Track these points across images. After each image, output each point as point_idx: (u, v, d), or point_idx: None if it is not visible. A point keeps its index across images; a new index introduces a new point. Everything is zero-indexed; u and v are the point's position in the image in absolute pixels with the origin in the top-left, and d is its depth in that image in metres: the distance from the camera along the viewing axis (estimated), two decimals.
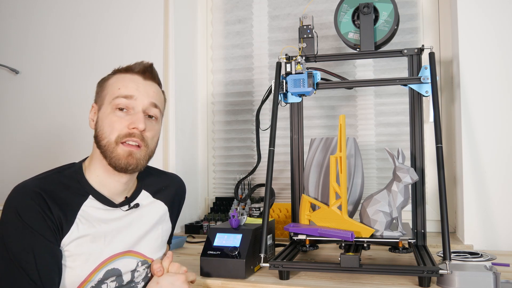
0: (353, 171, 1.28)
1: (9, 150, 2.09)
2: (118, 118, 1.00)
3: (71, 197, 0.98)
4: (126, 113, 1.01)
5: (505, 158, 1.42)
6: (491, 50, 1.45)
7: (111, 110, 1.00)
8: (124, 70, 1.05)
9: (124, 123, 0.99)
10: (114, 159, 0.99)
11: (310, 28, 1.34)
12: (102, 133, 1.00)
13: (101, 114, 1.02)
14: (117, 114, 1.00)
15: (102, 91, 1.04)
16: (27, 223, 0.90)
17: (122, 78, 1.04)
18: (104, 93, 1.03)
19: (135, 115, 1.01)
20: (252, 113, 1.95)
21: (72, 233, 0.95)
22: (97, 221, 1.00)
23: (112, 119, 0.99)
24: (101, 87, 1.06)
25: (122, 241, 1.04)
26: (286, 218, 1.68)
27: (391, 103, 1.76)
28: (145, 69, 1.06)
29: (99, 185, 1.03)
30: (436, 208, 1.69)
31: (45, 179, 0.98)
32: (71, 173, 1.02)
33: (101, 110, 1.02)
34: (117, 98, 1.00)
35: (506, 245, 1.41)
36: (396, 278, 1.10)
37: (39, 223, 0.91)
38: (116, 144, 0.99)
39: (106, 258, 1.00)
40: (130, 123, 0.99)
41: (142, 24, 1.88)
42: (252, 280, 1.12)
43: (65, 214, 0.95)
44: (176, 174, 1.27)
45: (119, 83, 1.02)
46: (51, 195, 0.94)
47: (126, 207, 1.06)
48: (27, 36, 2.09)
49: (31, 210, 0.91)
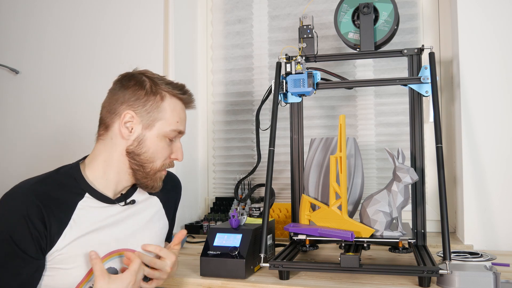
0: (353, 171, 1.28)
1: (9, 150, 2.09)
2: (167, 146, 1.06)
3: (66, 196, 0.98)
4: (170, 142, 1.07)
5: (505, 158, 1.42)
6: (491, 50, 1.45)
7: (162, 137, 1.04)
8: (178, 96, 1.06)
9: (169, 152, 1.07)
10: (152, 182, 1.06)
11: (310, 28, 1.34)
12: (149, 156, 1.03)
13: (150, 135, 1.03)
14: (166, 142, 1.05)
15: (155, 111, 1.02)
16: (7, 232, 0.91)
17: (179, 109, 1.07)
18: (159, 116, 1.03)
19: (176, 144, 1.08)
20: (252, 113, 1.95)
21: (65, 236, 0.95)
22: (92, 220, 1.00)
23: (163, 147, 1.05)
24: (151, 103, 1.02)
25: (117, 238, 1.04)
26: (286, 218, 1.68)
27: (391, 103, 1.76)
28: (192, 100, 1.11)
29: (102, 185, 1.03)
30: (436, 208, 1.69)
31: (40, 181, 0.98)
32: (67, 171, 1.02)
33: (150, 131, 1.03)
34: (174, 131, 1.05)
35: (506, 245, 1.41)
36: (396, 278, 1.10)
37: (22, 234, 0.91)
38: (158, 171, 1.05)
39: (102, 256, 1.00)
40: (172, 153, 1.08)
41: (142, 24, 1.88)
42: (252, 280, 1.12)
43: (59, 217, 0.95)
44: (171, 172, 1.27)
45: (176, 114, 1.05)
46: (44, 198, 0.94)
47: (122, 203, 1.07)
48: (27, 36, 2.09)
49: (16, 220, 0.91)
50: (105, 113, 1.04)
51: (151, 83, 1.03)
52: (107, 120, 1.03)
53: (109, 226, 1.03)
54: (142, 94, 1.02)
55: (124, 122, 1.01)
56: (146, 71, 1.07)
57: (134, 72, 1.07)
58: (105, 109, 1.05)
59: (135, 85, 1.03)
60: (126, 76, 1.06)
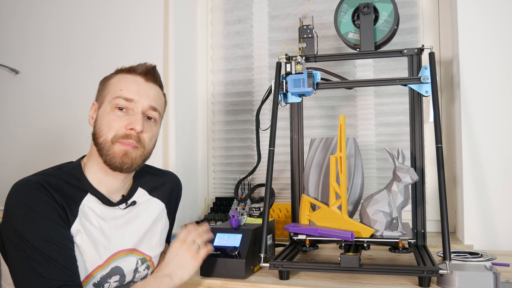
0: (353, 171, 1.28)
1: (9, 150, 2.09)
2: (116, 117, 1.00)
3: (73, 191, 0.99)
4: (125, 113, 1.01)
5: (505, 158, 1.42)
6: (491, 50, 1.45)
7: (110, 109, 1.01)
8: (127, 71, 1.06)
9: (122, 123, 1.00)
10: (110, 157, 1.00)
11: (310, 28, 1.34)
12: (100, 131, 1.01)
13: (101, 112, 1.03)
14: (116, 113, 1.01)
15: (104, 89, 1.05)
16: (39, 212, 0.91)
17: (125, 78, 1.04)
18: (106, 92, 1.04)
19: (134, 116, 1.01)
20: (252, 113, 1.95)
21: (76, 226, 0.96)
22: (97, 218, 1.01)
23: (110, 118, 1.00)
24: (103, 85, 1.06)
25: (123, 240, 1.04)
26: (286, 218, 1.68)
27: (391, 103, 1.76)
28: (148, 71, 1.06)
29: (97, 183, 1.03)
30: (436, 208, 1.69)
31: (45, 174, 0.98)
32: (69, 170, 1.03)
33: (101, 108, 1.03)
34: (118, 98, 1.01)
35: (506, 245, 1.41)
36: (396, 278, 1.10)
37: (49, 212, 0.92)
38: (112, 143, 1.00)
39: (109, 256, 1.01)
40: (128, 123, 1.00)
41: (142, 24, 1.88)
42: (252, 280, 1.12)
43: (69, 205, 0.96)
44: (171, 171, 1.27)
45: (121, 83, 1.03)
46: (55, 187, 0.95)
47: (123, 205, 1.07)
48: (27, 36, 2.09)
49: (40, 200, 0.92)
50: None
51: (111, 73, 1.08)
52: None
53: (113, 226, 1.03)
54: (101, 85, 1.07)
55: (90, 114, 1.07)
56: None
57: None
58: None
59: (101, 80, 1.08)
60: None
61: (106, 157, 1.00)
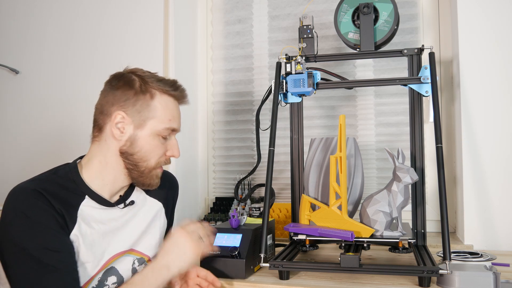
0: (353, 171, 1.28)
1: (9, 150, 2.09)
2: (160, 144, 1.04)
3: (70, 196, 0.98)
4: (165, 139, 1.05)
5: (505, 158, 1.42)
6: (491, 50, 1.45)
7: (155, 136, 1.02)
8: (169, 94, 1.04)
9: (164, 150, 1.05)
10: (149, 181, 1.05)
11: (310, 28, 1.34)
12: (142, 155, 1.02)
13: (142, 135, 1.01)
14: (160, 141, 1.04)
15: (145, 110, 1.01)
16: (37, 221, 0.90)
17: (171, 106, 1.04)
18: (150, 115, 1.01)
19: (172, 141, 1.06)
20: (252, 113, 1.95)
21: (75, 231, 0.95)
22: (95, 222, 1.00)
23: (156, 145, 1.03)
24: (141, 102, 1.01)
25: (121, 241, 1.04)
26: (286, 218, 1.68)
27: (391, 103, 1.76)
28: (185, 96, 1.09)
29: (98, 186, 1.02)
30: (436, 208, 1.69)
31: (42, 180, 0.97)
32: (65, 173, 1.01)
33: (142, 130, 1.01)
34: (167, 129, 1.03)
35: (506, 245, 1.41)
36: (396, 278, 1.10)
37: (48, 219, 0.91)
38: (153, 169, 1.04)
39: (108, 259, 1.01)
40: (168, 150, 1.06)
41: (142, 24, 1.88)
42: (252, 280, 1.12)
43: (68, 211, 0.95)
44: (168, 171, 1.27)
45: (168, 112, 1.03)
46: (52, 193, 0.94)
47: (122, 205, 1.07)
48: (27, 36, 2.09)
49: (38, 209, 0.91)
50: (97, 115, 1.04)
51: (140, 81, 1.02)
52: (100, 122, 1.03)
53: (111, 228, 1.03)
54: (131, 94, 1.01)
55: (115, 123, 1.00)
56: (136, 69, 1.05)
57: (124, 72, 1.05)
58: (98, 110, 1.04)
59: (125, 85, 1.02)
60: (115, 76, 1.04)
61: (145, 180, 1.04)
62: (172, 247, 1.01)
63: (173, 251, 1.00)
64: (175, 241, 1.01)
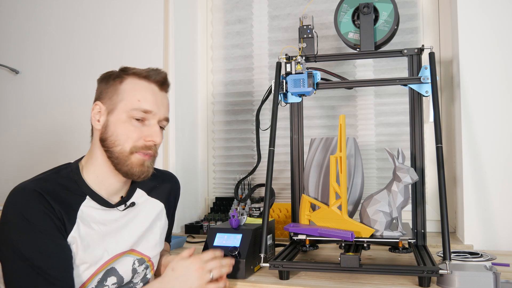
0: (353, 171, 1.28)
1: (9, 150, 2.09)
2: (134, 128, 1.00)
3: (70, 197, 0.98)
4: (142, 124, 1.01)
5: (505, 158, 1.42)
6: (491, 50, 1.45)
7: (127, 119, 1.00)
8: (140, 76, 1.03)
9: (140, 134, 1.00)
10: (127, 168, 1.00)
11: (310, 28, 1.34)
12: (114, 139, 0.99)
13: (113, 119, 1.00)
14: (133, 124, 1.00)
15: (115, 94, 1.01)
16: (34, 223, 0.90)
17: (140, 86, 1.02)
18: (118, 98, 1.01)
19: (151, 127, 1.02)
20: (252, 113, 1.95)
21: (73, 233, 0.95)
22: (96, 222, 1.00)
23: (128, 128, 1.00)
24: (111, 88, 1.02)
25: (122, 242, 1.04)
26: (286, 218, 1.68)
27: (391, 103, 1.76)
28: (163, 80, 1.05)
29: (97, 185, 1.03)
30: (436, 208, 1.69)
31: (43, 180, 0.97)
32: (67, 173, 1.02)
33: (113, 115, 1.00)
34: (136, 110, 1.00)
35: (506, 245, 1.41)
36: (396, 278, 1.10)
37: (45, 222, 0.91)
38: (130, 154, 1.00)
39: (107, 260, 1.01)
40: (147, 135, 1.01)
41: (142, 24, 1.88)
42: (252, 280, 1.12)
43: (67, 213, 0.95)
44: (169, 171, 1.27)
45: (137, 93, 1.01)
46: (52, 194, 0.94)
47: (122, 207, 1.06)
48: (27, 36, 2.09)
49: (36, 210, 0.91)
50: None
51: (117, 72, 1.04)
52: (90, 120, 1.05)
53: (112, 229, 1.03)
54: (106, 84, 1.03)
55: (94, 114, 1.03)
56: (125, 67, 1.06)
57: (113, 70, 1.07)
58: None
59: (104, 78, 1.04)
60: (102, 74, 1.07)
61: (122, 166, 1.00)
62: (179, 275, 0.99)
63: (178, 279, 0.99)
64: (184, 271, 0.99)
